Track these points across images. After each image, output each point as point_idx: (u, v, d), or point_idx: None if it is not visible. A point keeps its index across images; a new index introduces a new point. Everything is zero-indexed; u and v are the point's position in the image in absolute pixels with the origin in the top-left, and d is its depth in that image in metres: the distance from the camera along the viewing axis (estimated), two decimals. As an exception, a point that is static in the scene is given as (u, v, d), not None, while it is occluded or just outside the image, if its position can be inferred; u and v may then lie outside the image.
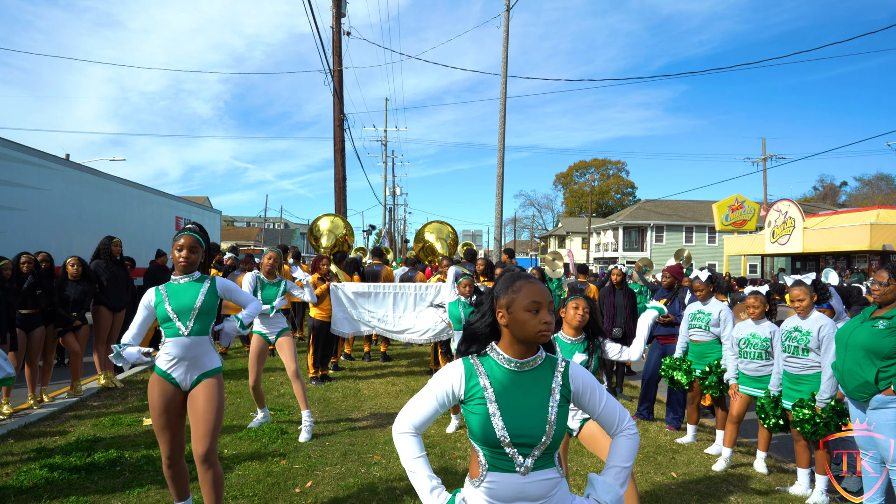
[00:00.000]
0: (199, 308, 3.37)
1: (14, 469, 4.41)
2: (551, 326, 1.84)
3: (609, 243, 50.50)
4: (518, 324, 1.85)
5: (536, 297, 1.83)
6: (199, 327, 3.38)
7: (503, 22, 16.23)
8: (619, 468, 1.90)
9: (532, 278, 1.91)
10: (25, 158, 9.28)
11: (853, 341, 3.77)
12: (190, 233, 3.45)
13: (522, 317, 1.83)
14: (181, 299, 3.36)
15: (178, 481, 3.48)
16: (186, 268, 3.42)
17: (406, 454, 1.87)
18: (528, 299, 1.83)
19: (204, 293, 3.41)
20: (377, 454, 4.99)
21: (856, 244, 21.67)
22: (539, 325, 1.82)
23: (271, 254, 5.83)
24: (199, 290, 3.41)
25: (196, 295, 3.39)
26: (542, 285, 1.90)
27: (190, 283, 3.44)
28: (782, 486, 4.60)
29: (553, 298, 1.90)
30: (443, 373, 1.93)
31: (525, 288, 1.87)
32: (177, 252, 3.40)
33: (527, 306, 1.83)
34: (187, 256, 3.39)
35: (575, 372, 1.92)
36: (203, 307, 3.39)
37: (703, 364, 5.52)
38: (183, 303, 3.35)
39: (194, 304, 3.36)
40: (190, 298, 3.37)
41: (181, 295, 3.38)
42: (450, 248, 10.38)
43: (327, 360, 8.27)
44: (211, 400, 3.35)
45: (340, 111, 14.53)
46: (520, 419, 1.80)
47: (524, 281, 1.89)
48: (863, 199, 57.00)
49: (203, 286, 3.44)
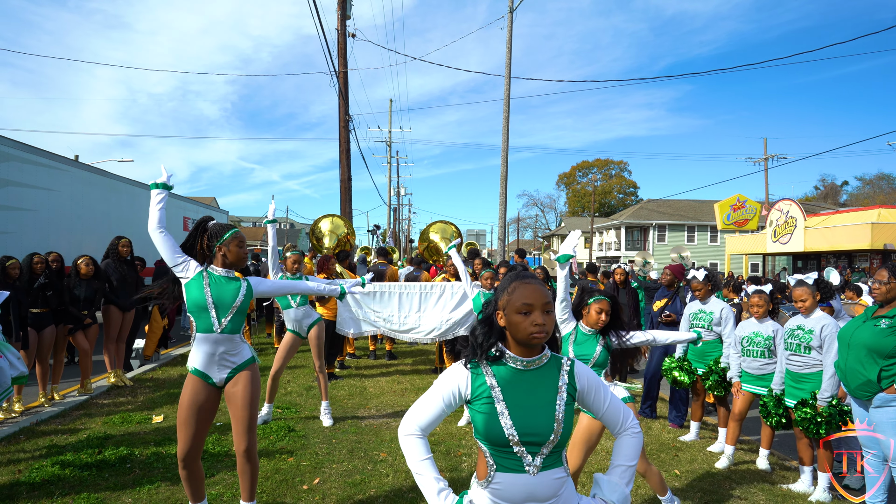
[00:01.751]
0: (237, 307, 3.38)
1: (26, 466, 4.48)
2: (544, 328, 1.81)
3: (611, 243, 50.50)
4: (512, 325, 1.85)
5: (527, 298, 1.82)
6: (232, 326, 3.38)
7: (507, 24, 16.27)
8: (625, 467, 1.91)
9: (529, 279, 1.89)
10: (36, 160, 9.38)
11: (855, 340, 3.81)
12: (237, 230, 3.53)
13: (515, 318, 1.83)
14: (222, 293, 3.35)
15: (193, 483, 3.42)
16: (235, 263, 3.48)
17: (412, 456, 1.85)
18: (520, 301, 1.82)
19: (243, 293, 3.41)
20: (383, 451, 5.05)
21: (857, 243, 21.64)
22: (530, 328, 1.80)
23: (293, 257, 6.06)
24: (238, 289, 3.40)
25: (236, 293, 3.38)
26: (538, 286, 1.86)
27: (227, 278, 3.42)
28: (785, 484, 4.64)
29: (550, 300, 1.87)
30: (448, 373, 1.92)
31: (518, 290, 1.85)
32: (238, 248, 3.45)
33: (518, 308, 1.83)
34: (247, 252, 3.51)
35: (580, 371, 1.93)
36: (242, 306, 3.40)
37: (704, 363, 5.56)
38: (224, 298, 3.34)
39: (234, 301, 3.37)
40: (230, 295, 3.36)
41: (222, 288, 3.36)
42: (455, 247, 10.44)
43: (333, 358, 8.35)
44: (247, 395, 3.38)
45: (346, 112, 14.58)
46: (528, 417, 1.80)
47: (519, 282, 1.88)
48: (864, 198, 56.89)
49: (241, 285, 3.43)
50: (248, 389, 3.39)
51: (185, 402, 3.33)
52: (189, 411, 3.31)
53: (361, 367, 9.10)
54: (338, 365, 8.77)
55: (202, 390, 3.36)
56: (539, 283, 1.89)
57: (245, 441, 3.36)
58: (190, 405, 3.31)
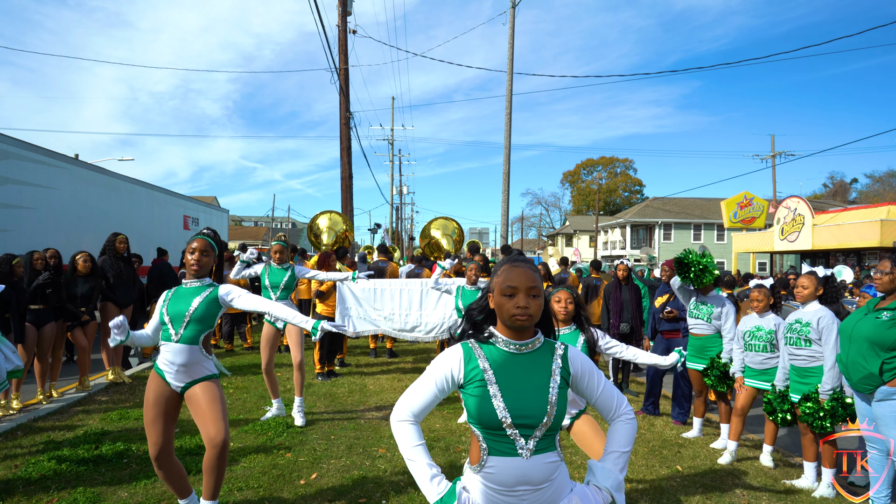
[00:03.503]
0: (191, 315, 3.26)
1: (23, 461, 4.46)
2: (526, 311, 1.80)
3: (617, 241, 50.36)
4: (498, 307, 1.87)
5: (512, 281, 1.82)
6: (191, 335, 3.26)
7: (509, 19, 16.22)
8: (619, 453, 1.89)
9: (519, 263, 1.88)
10: (35, 158, 9.38)
11: (857, 333, 3.75)
12: (203, 236, 3.43)
13: (500, 300, 1.85)
14: (178, 304, 3.30)
15: (173, 480, 3.40)
16: (197, 271, 3.36)
17: (405, 442, 1.84)
18: (506, 283, 1.83)
19: (200, 300, 3.30)
20: (382, 447, 5.01)
21: (866, 241, 21.44)
22: (512, 310, 1.81)
23: (276, 247, 5.94)
24: (195, 297, 3.31)
25: (191, 301, 3.30)
26: (525, 270, 1.85)
27: (195, 288, 3.36)
28: (788, 480, 4.58)
29: (537, 284, 1.84)
30: (441, 358, 1.91)
31: (505, 272, 1.86)
32: (189, 255, 3.36)
33: (503, 290, 1.83)
34: (198, 259, 3.35)
35: (574, 355, 1.91)
36: (196, 314, 3.27)
37: (705, 359, 5.50)
38: (178, 308, 3.28)
39: (187, 310, 3.27)
40: (185, 304, 3.29)
41: (180, 300, 3.32)
42: (455, 245, 10.40)
43: (333, 356, 8.30)
44: (210, 392, 3.28)
45: (347, 110, 14.55)
46: (521, 400, 1.79)
47: (508, 265, 1.88)
48: (873, 195, 56.50)
49: (202, 293, 3.33)
50: (211, 389, 3.29)
51: (149, 401, 3.31)
52: (154, 410, 3.29)
53: (362, 365, 9.07)
54: (338, 362, 8.74)
55: (161, 388, 3.31)
56: (529, 267, 1.87)
57: (215, 427, 3.19)
58: (155, 404, 3.30)
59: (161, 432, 3.30)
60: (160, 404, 3.30)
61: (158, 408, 3.30)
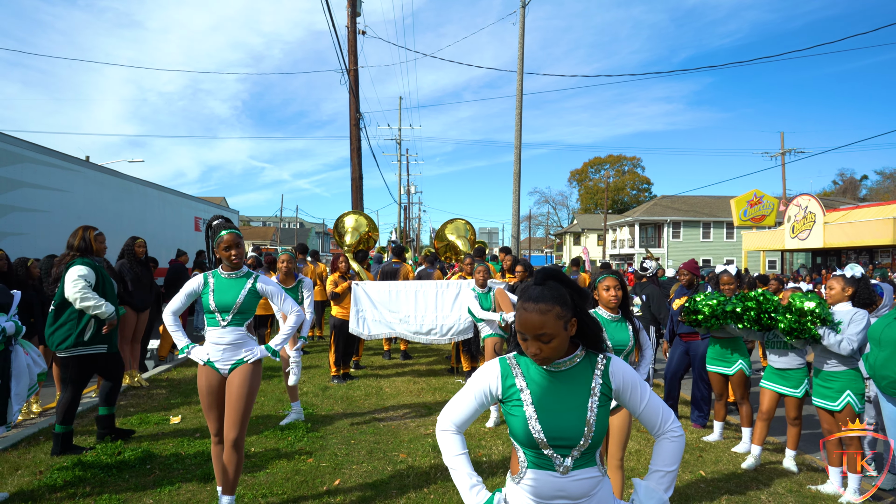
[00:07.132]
0: (238, 307, 3.54)
1: (47, 467, 4.48)
2: (539, 356, 1.78)
3: (625, 240, 50.17)
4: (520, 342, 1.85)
5: (521, 326, 1.79)
6: (237, 321, 3.57)
7: (519, 18, 16.16)
8: (663, 472, 1.86)
9: (529, 304, 1.77)
10: (49, 161, 9.42)
11: (886, 337, 3.71)
12: (231, 230, 3.57)
13: (518, 338, 1.83)
14: (225, 296, 3.53)
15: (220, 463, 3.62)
16: (238, 264, 3.58)
17: (448, 451, 1.89)
18: (518, 325, 1.81)
19: (244, 294, 3.56)
20: (402, 452, 5.00)
21: (878, 238, 21.26)
22: (529, 354, 1.81)
23: (283, 257, 5.90)
24: (240, 290, 3.56)
25: (237, 294, 3.54)
26: (532, 315, 1.75)
27: (236, 279, 3.59)
28: (813, 485, 4.53)
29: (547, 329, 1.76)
30: (480, 372, 1.93)
31: (518, 313, 1.82)
32: (225, 251, 3.55)
33: (517, 330, 1.82)
34: (238, 254, 3.56)
35: (616, 368, 1.87)
36: (242, 307, 3.56)
37: (728, 364, 5.46)
38: (225, 300, 3.52)
39: (234, 302, 3.53)
40: (232, 297, 3.53)
41: (226, 292, 3.54)
42: (470, 244, 10.42)
43: (349, 358, 8.29)
44: (243, 387, 3.50)
45: (356, 110, 14.55)
46: (557, 421, 1.78)
47: (521, 303, 1.81)
48: (884, 192, 56.08)
49: (245, 285, 3.58)
50: (245, 383, 3.52)
51: (202, 391, 3.57)
52: (208, 399, 3.56)
53: (376, 367, 9.06)
54: (353, 365, 8.74)
55: (210, 378, 3.55)
56: (539, 309, 1.75)
57: (234, 431, 3.47)
58: (208, 393, 3.56)
59: (216, 418, 3.59)
60: (213, 393, 3.56)
61: (211, 396, 3.56)
